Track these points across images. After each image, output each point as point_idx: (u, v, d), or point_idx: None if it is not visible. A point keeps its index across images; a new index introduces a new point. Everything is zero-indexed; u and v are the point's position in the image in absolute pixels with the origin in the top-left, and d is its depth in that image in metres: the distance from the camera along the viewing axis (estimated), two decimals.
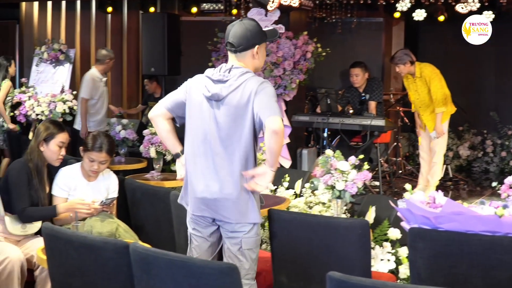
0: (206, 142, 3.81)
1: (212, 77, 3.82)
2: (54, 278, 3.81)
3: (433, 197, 3.77)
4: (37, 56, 9.87)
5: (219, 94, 3.76)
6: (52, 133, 4.73)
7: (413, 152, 10.92)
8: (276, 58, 8.62)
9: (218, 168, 3.78)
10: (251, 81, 3.76)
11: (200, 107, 3.84)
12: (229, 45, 3.87)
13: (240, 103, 3.73)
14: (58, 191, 4.75)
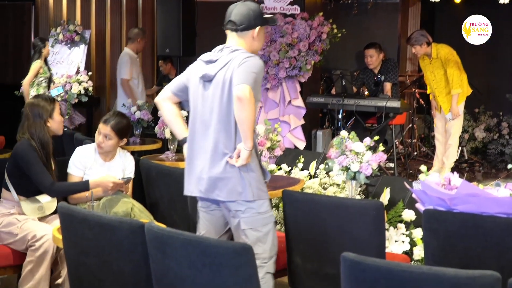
0: (202, 124, 3.86)
1: (203, 59, 3.91)
2: (69, 258, 3.83)
3: (449, 179, 3.77)
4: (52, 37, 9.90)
5: (208, 74, 3.82)
6: (53, 106, 4.77)
7: (428, 134, 10.88)
8: (291, 39, 8.59)
9: (211, 148, 3.81)
10: (238, 57, 3.78)
11: (197, 89, 3.90)
12: (230, 23, 3.92)
13: (226, 80, 3.77)
14: (74, 169, 4.78)
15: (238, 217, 3.80)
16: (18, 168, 4.64)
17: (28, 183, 4.62)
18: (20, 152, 4.64)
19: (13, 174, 4.66)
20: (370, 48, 8.64)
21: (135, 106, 7.35)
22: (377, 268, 2.74)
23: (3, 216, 4.62)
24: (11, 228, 4.55)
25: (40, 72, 8.70)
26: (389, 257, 4.32)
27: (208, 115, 3.83)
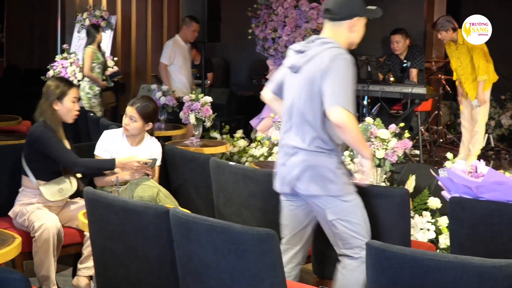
0: (290, 116, 3.73)
1: (294, 48, 3.76)
2: (95, 242, 3.86)
3: (475, 167, 3.74)
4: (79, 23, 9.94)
5: (295, 65, 3.68)
6: (64, 90, 4.66)
7: (454, 120, 10.80)
8: (317, 25, 8.55)
9: (296, 141, 3.68)
10: (326, 53, 3.56)
11: (287, 79, 3.79)
12: (326, 12, 3.67)
13: (312, 76, 3.59)
14: (101, 151, 4.80)
15: (322, 209, 3.69)
16: (35, 152, 4.59)
17: (46, 166, 4.59)
18: (35, 136, 4.58)
19: (31, 159, 4.62)
20: (396, 33, 8.58)
21: (160, 92, 7.37)
22: (402, 256, 2.73)
23: (22, 204, 4.61)
24: (21, 220, 4.54)
25: (93, 58, 8.70)
26: (414, 245, 4.30)
27: (294, 107, 3.70)
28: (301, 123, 3.67)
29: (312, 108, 3.60)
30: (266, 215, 4.38)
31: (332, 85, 3.50)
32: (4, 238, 3.65)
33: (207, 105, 6.40)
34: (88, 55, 8.69)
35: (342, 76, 3.51)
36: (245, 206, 4.48)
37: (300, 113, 3.66)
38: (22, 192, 4.67)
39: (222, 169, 4.60)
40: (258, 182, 4.37)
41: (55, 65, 9.26)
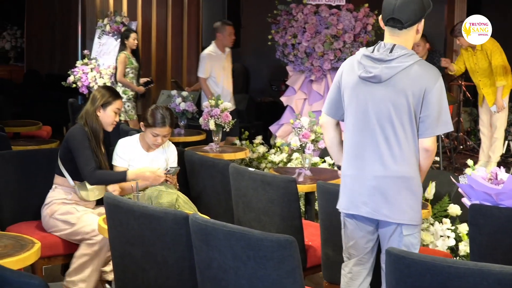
0: (365, 130, 3.47)
1: (372, 55, 3.43)
2: (114, 247, 3.87)
3: (495, 173, 3.72)
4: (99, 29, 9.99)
5: (381, 75, 3.38)
6: (110, 100, 4.75)
7: (474, 127, 10.73)
8: (336, 31, 8.55)
9: (379, 156, 3.45)
10: (421, 67, 3.39)
11: (356, 90, 3.50)
12: (394, 21, 3.43)
13: (408, 89, 3.36)
14: (118, 161, 4.81)
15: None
16: (70, 153, 4.67)
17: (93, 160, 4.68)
18: (70, 136, 4.69)
19: (66, 158, 4.69)
20: None
21: (179, 98, 7.39)
22: (422, 263, 2.72)
23: (60, 203, 4.65)
24: (68, 217, 4.57)
25: (126, 63, 8.64)
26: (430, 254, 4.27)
27: (372, 120, 3.45)
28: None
29: (395, 118, 3.41)
30: (285, 221, 4.38)
31: (436, 111, 3.39)
32: (23, 243, 3.67)
33: (227, 111, 6.41)
34: (121, 60, 8.62)
35: (443, 104, 3.43)
36: (264, 212, 4.48)
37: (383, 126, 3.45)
38: (55, 189, 4.72)
39: (241, 175, 4.60)
40: (277, 188, 4.37)
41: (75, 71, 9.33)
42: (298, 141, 5.35)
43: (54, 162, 4.85)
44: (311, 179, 5.26)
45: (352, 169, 3.54)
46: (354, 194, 3.53)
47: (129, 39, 8.70)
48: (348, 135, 3.56)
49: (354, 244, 3.62)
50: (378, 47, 3.46)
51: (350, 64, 3.55)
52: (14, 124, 8.46)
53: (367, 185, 3.46)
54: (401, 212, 3.43)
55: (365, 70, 3.43)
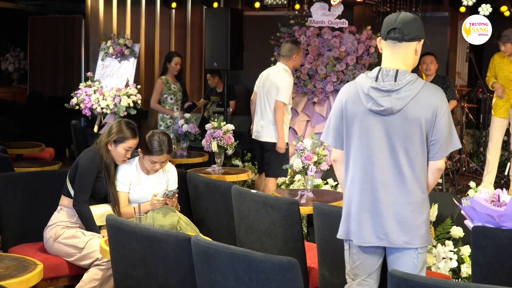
0: (377, 160, 3.43)
1: (380, 87, 3.38)
2: (116, 269, 3.87)
3: (498, 196, 3.72)
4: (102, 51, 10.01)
5: (392, 107, 3.35)
6: (124, 138, 4.75)
7: (477, 149, 10.74)
8: (339, 53, 8.58)
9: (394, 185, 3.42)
10: (429, 92, 3.38)
11: (366, 122, 3.44)
12: (395, 32, 3.44)
13: (421, 117, 3.35)
14: (120, 186, 4.81)
15: None
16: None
17: (92, 191, 4.69)
18: (81, 160, 4.71)
19: (75, 180, 4.71)
20: (430, 55, 8.51)
21: (182, 120, 7.40)
22: (425, 285, 2.71)
23: (64, 227, 4.65)
24: (75, 241, 4.56)
25: (162, 89, 8.51)
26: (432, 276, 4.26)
27: (384, 152, 3.41)
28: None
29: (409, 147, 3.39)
30: (287, 243, 4.38)
31: (446, 131, 3.39)
32: (26, 265, 3.67)
33: (229, 133, 6.42)
34: (156, 86, 8.55)
35: (451, 122, 3.42)
36: (266, 234, 4.48)
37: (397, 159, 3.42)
38: (60, 211, 4.73)
39: (243, 197, 4.60)
40: (280, 210, 4.37)
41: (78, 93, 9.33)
42: (300, 162, 5.35)
43: (57, 184, 4.87)
44: (314, 200, 5.25)
45: (363, 201, 3.48)
46: (368, 225, 3.47)
47: (171, 63, 8.54)
48: (356, 166, 3.50)
49: (359, 265, 3.59)
50: (381, 74, 3.42)
51: (354, 93, 3.49)
52: (17, 146, 8.47)
53: (384, 216, 3.43)
54: (419, 237, 3.43)
55: (375, 103, 3.39)
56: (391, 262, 3.52)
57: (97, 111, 9.12)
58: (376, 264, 3.57)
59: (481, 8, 8.55)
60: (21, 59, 14.80)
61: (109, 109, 8.96)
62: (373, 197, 3.44)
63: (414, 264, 3.42)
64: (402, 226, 3.40)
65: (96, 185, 4.69)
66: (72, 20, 12.62)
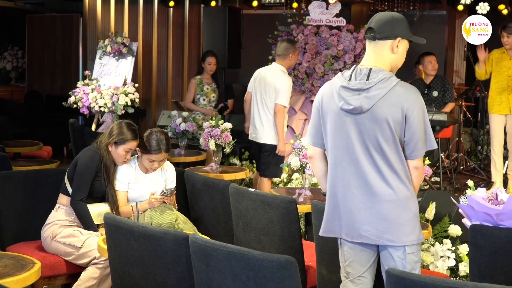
0: (351, 161, 3.45)
1: (350, 86, 3.41)
2: (114, 268, 3.87)
3: (495, 194, 3.72)
4: (100, 49, 10.02)
5: (362, 106, 3.37)
6: (125, 140, 4.73)
7: (475, 147, 10.75)
8: (337, 52, 8.58)
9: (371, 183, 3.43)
10: (400, 92, 3.38)
11: (338, 121, 3.48)
12: (369, 31, 3.51)
13: (388, 116, 3.36)
14: (118, 185, 4.81)
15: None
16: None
17: (90, 190, 4.68)
18: (80, 159, 4.71)
19: (73, 179, 4.71)
20: (431, 55, 8.52)
21: (180, 118, 7.40)
22: (423, 284, 2.71)
23: (62, 226, 4.64)
24: (73, 240, 4.55)
25: (195, 89, 8.34)
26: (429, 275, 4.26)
27: (358, 151, 3.43)
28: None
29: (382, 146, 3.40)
30: (285, 241, 4.38)
31: (419, 131, 3.40)
32: (23, 263, 3.67)
33: (227, 131, 6.42)
34: (189, 86, 8.42)
35: (425, 122, 3.43)
36: (264, 233, 4.48)
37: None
38: (58, 210, 4.72)
39: (241, 196, 4.60)
40: (278, 209, 4.37)
41: (76, 91, 9.34)
42: (298, 161, 5.35)
43: (55, 182, 4.86)
44: (311, 199, 5.26)
45: (346, 198, 3.50)
46: (351, 222, 3.50)
47: (205, 63, 8.36)
48: (336, 163, 3.53)
49: (351, 263, 3.60)
50: (355, 73, 3.46)
51: (329, 92, 3.53)
52: (15, 145, 8.46)
53: (367, 213, 3.44)
54: (405, 234, 3.42)
55: (345, 102, 3.42)
56: (382, 261, 3.54)
57: (95, 110, 9.13)
58: (368, 261, 3.58)
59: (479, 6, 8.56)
60: (19, 57, 14.79)
61: (107, 108, 8.97)
62: (355, 194, 3.46)
63: (403, 265, 3.42)
64: (384, 223, 3.42)
65: (94, 184, 4.69)
66: (70, 19, 12.60)
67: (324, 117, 3.55)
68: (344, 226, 3.52)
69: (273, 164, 6.87)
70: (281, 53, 7.10)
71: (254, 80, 7.16)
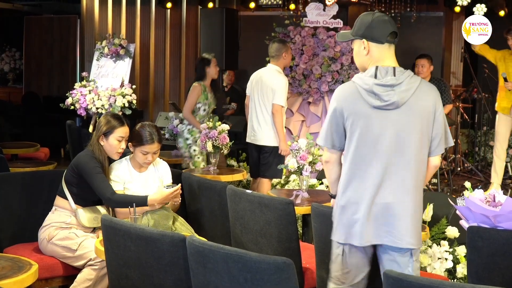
0: (382, 158, 3.42)
1: (383, 82, 3.39)
2: (111, 270, 3.86)
3: (493, 196, 3.72)
4: (98, 51, 10.03)
5: (398, 101, 3.37)
6: (112, 127, 4.71)
7: (472, 149, 10.76)
8: (334, 53, 8.59)
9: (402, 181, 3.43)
10: (428, 87, 3.46)
11: (370, 120, 3.42)
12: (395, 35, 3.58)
13: (423, 109, 3.41)
14: (114, 185, 4.79)
15: None
16: (78, 178, 4.65)
17: (86, 192, 4.65)
18: (81, 163, 4.66)
19: (72, 183, 4.68)
20: (423, 58, 8.52)
21: (177, 119, 7.39)
22: (420, 286, 2.71)
23: (58, 228, 4.63)
24: (69, 243, 4.55)
25: (199, 95, 7.26)
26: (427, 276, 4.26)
27: (393, 146, 3.40)
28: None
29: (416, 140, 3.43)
30: (282, 243, 4.37)
31: (444, 127, 3.48)
32: (21, 265, 3.66)
33: (224, 133, 6.41)
34: (193, 92, 7.28)
35: (445, 117, 3.53)
36: (261, 234, 4.48)
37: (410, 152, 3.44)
38: (55, 212, 4.71)
39: (239, 197, 4.60)
40: (275, 210, 4.37)
41: (74, 93, 9.34)
42: (295, 163, 5.35)
43: (53, 184, 4.85)
44: (309, 201, 5.26)
45: (371, 201, 3.44)
46: (371, 224, 3.45)
47: (211, 66, 7.35)
48: (361, 166, 3.46)
49: (351, 270, 3.57)
50: (379, 72, 3.43)
51: (352, 92, 3.47)
52: (12, 146, 8.46)
53: (389, 214, 3.42)
54: (418, 237, 3.45)
55: (380, 99, 3.39)
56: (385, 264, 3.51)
57: (92, 111, 9.13)
58: (367, 267, 3.57)
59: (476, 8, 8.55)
60: (16, 59, 14.79)
61: (104, 109, 8.97)
62: (383, 196, 3.42)
63: (410, 272, 3.41)
64: (408, 225, 3.41)
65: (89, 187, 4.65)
66: (68, 21, 12.61)
67: (349, 119, 3.46)
68: (364, 229, 3.45)
69: (274, 165, 6.86)
70: (274, 54, 7.06)
71: (251, 83, 7.15)
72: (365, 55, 3.54)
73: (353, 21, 3.67)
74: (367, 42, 3.52)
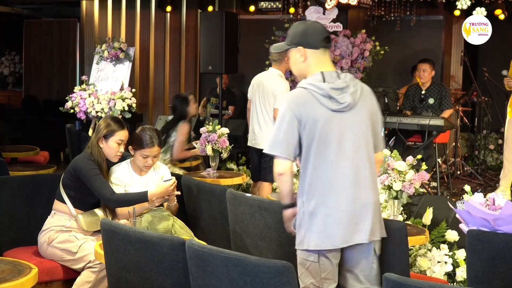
0: (347, 159, 3.49)
1: (336, 86, 3.49)
2: (111, 273, 3.86)
3: (493, 199, 3.72)
4: (97, 54, 10.02)
5: (352, 102, 3.48)
6: (112, 130, 4.71)
7: (472, 153, 10.76)
8: (334, 57, 8.59)
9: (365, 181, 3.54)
10: (369, 89, 3.67)
11: (329, 123, 3.48)
12: (327, 40, 3.67)
13: (370, 108, 3.59)
14: (115, 187, 4.79)
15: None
16: (76, 181, 4.65)
17: (85, 195, 4.65)
18: (78, 165, 4.65)
19: (70, 186, 4.68)
20: (425, 62, 8.53)
21: None
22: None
23: (58, 231, 4.64)
24: (68, 246, 4.55)
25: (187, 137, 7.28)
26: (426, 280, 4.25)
27: (353, 146, 3.50)
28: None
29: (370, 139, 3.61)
30: (282, 247, 4.37)
31: (381, 130, 3.73)
32: (20, 269, 3.66)
33: (224, 137, 6.41)
34: (181, 133, 7.21)
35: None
36: (261, 238, 4.47)
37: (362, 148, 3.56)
38: (54, 216, 4.71)
39: (238, 201, 4.60)
40: (275, 214, 4.36)
41: (73, 96, 9.34)
42: (296, 166, 5.34)
43: (52, 187, 4.85)
44: None
45: (342, 200, 3.48)
46: (348, 223, 3.49)
47: (190, 105, 7.34)
48: (327, 170, 3.49)
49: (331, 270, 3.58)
50: (325, 77, 3.52)
51: (308, 98, 3.50)
52: (12, 149, 8.46)
53: (364, 211, 3.51)
54: (383, 227, 3.63)
55: (336, 102, 3.48)
56: (352, 265, 3.61)
57: (92, 115, 9.12)
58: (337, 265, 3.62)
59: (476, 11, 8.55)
60: (16, 62, 14.79)
61: (104, 113, 8.96)
62: (357, 195, 3.51)
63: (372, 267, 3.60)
64: (379, 218, 3.59)
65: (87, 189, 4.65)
66: (67, 24, 12.60)
67: (306, 125, 3.49)
68: (341, 230, 3.49)
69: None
70: (276, 58, 6.98)
71: (252, 86, 7.13)
72: (302, 62, 3.62)
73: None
74: (304, 49, 3.59)
